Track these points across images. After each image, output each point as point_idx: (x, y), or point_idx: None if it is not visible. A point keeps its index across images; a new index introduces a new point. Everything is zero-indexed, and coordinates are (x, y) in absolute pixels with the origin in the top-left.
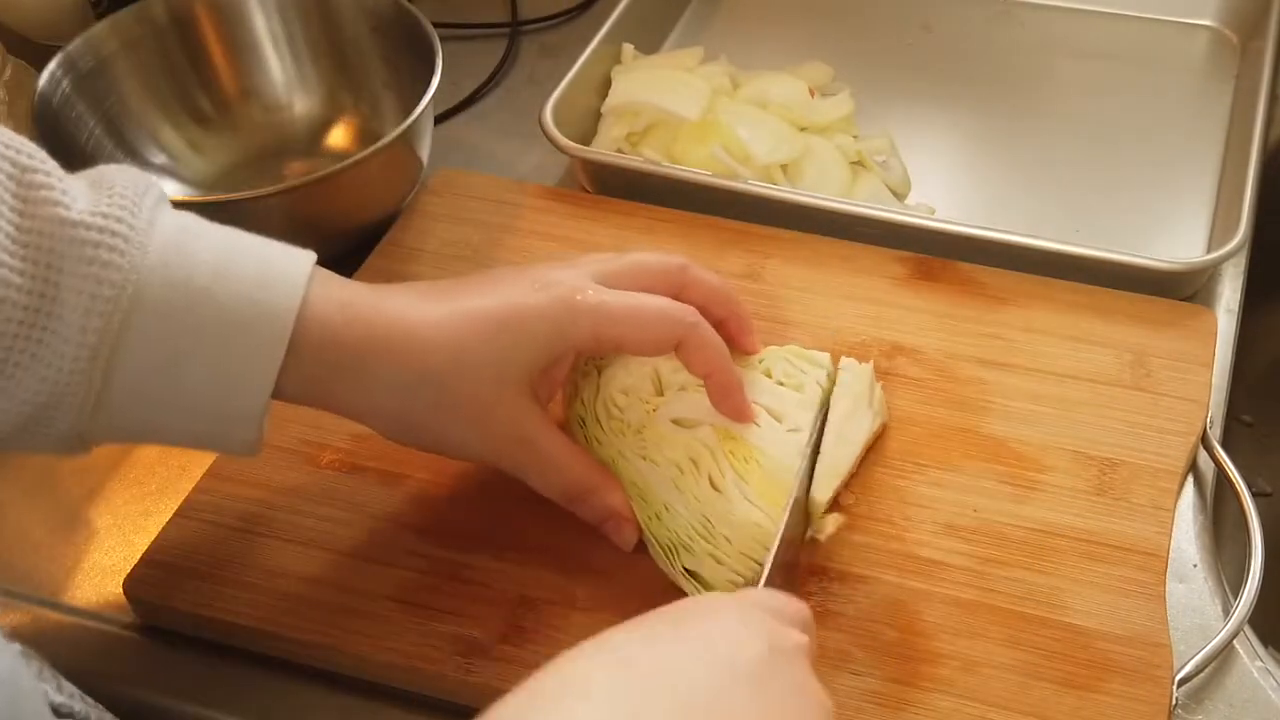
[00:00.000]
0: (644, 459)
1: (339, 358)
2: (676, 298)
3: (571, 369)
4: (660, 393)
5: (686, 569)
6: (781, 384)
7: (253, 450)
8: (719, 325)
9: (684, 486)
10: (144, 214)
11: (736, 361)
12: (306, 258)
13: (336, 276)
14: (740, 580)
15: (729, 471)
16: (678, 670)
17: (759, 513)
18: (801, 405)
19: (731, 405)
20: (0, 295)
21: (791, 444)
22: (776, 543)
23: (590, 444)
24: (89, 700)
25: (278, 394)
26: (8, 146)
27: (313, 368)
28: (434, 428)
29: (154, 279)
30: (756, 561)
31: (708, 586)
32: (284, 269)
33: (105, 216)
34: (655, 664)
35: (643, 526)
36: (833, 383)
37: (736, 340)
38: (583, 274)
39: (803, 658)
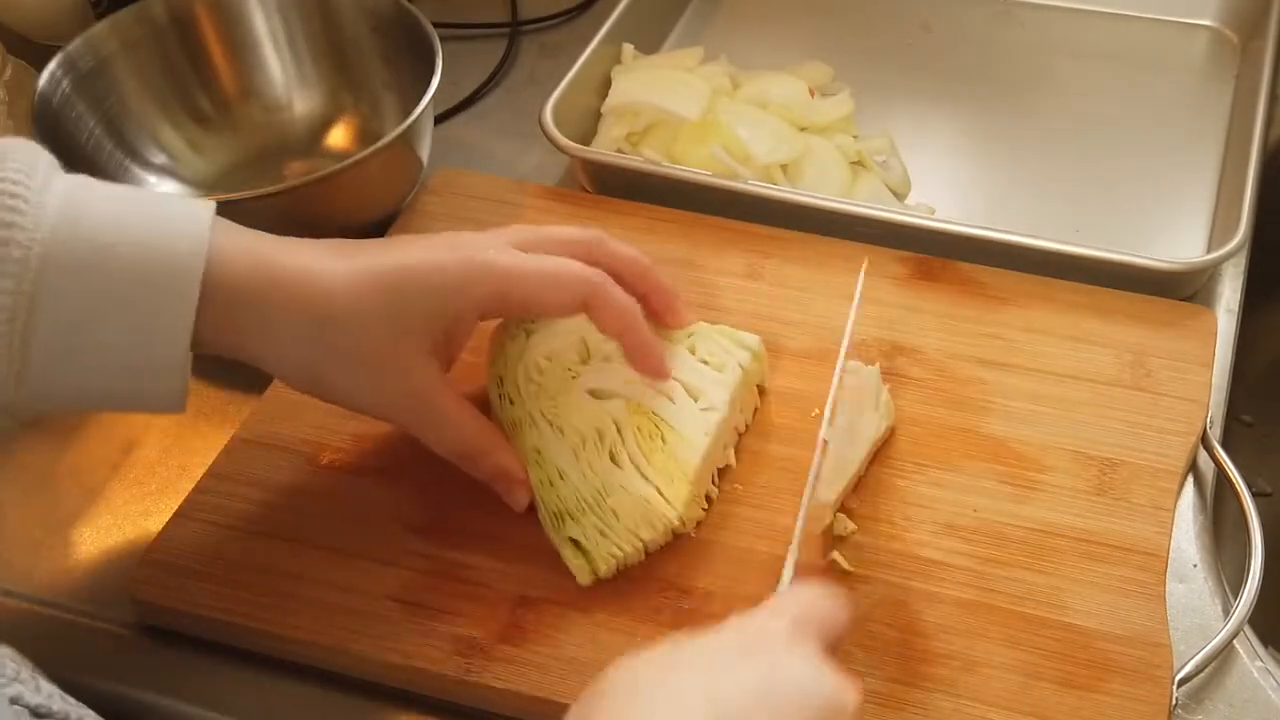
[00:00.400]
0: (551, 425)
1: (244, 303)
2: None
3: (498, 330)
4: (585, 361)
5: (570, 537)
6: (705, 362)
7: (177, 405)
8: (642, 300)
9: (583, 457)
10: (39, 176)
11: (662, 335)
12: (206, 206)
13: (236, 225)
14: (621, 555)
15: (632, 447)
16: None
17: (652, 490)
18: (719, 384)
19: (648, 365)
20: None
21: (702, 422)
22: (797, 536)
23: (502, 403)
24: (70, 700)
25: (198, 343)
26: None
27: (221, 315)
28: (331, 376)
29: (58, 237)
30: (640, 538)
31: (589, 557)
32: (185, 218)
33: (1, 180)
34: (712, 705)
35: (535, 490)
36: (760, 365)
37: (660, 316)
38: (496, 239)
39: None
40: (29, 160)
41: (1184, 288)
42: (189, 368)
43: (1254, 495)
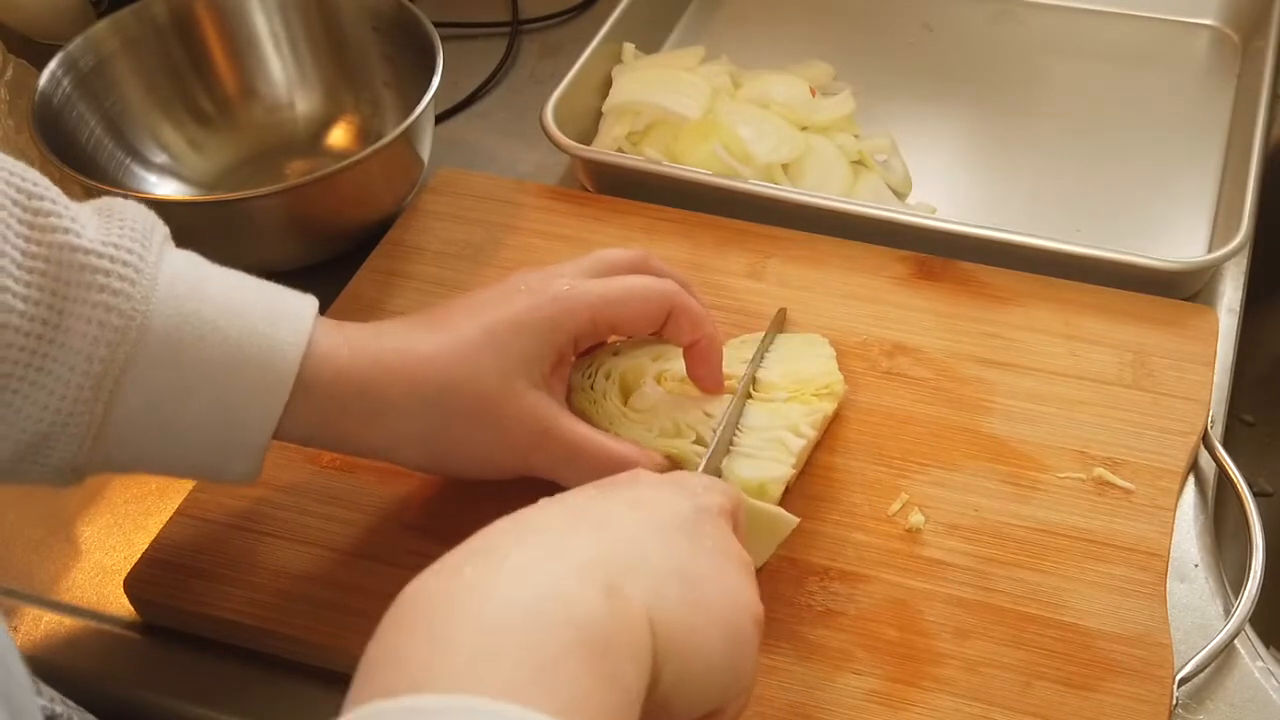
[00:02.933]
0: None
1: (350, 391)
2: None
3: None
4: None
5: None
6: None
7: (249, 481)
8: None
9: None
10: (154, 247)
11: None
12: (310, 299)
13: (333, 320)
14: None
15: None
16: (613, 522)
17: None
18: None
19: (713, 374)
20: (3, 320)
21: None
22: (719, 430)
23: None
24: (69, 703)
25: (285, 434)
26: (11, 174)
27: (324, 406)
28: (455, 445)
29: (162, 311)
30: None
31: None
32: (290, 307)
33: (116, 246)
34: (597, 515)
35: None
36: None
37: None
38: (566, 271)
39: (725, 518)
40: (145, 227)
41: (1185, 287)
42: (266, 452)
43: (1255, 495)
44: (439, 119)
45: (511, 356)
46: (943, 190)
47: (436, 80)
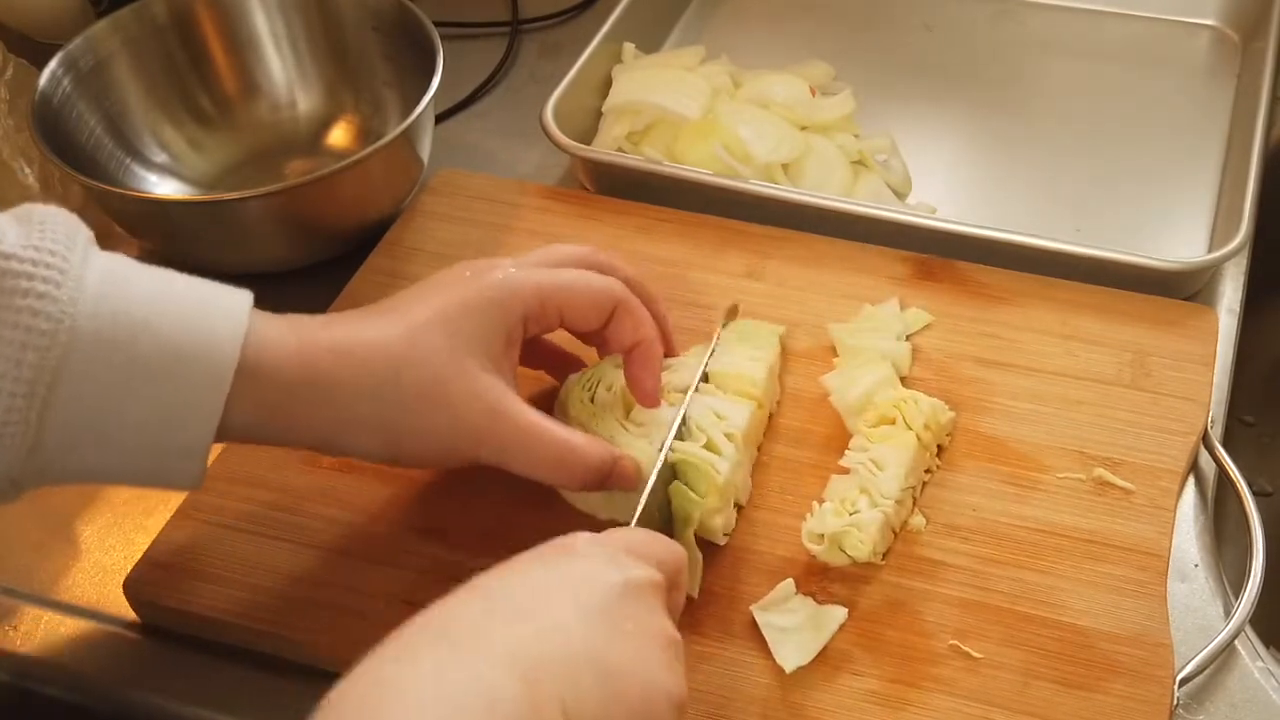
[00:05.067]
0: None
1: (299, 377)
2: None
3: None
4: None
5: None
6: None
7: (195, 485)
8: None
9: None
10: (78, 249)
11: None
12: (245, 292)
13: (273, 314)
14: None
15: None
16: (533, 610)
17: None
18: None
19: (648, 384)
20: None
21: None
22: (650, 484)
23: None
24: None
25: (230, 431)
26: None
27: (271, 394)
28: (407, 427)
29: (91, 312)
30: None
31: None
32: (223, 301)
33: (38, 250)
34: (517, 603)
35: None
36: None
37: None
38: (517, 261)
39: (656, 593)
40: (69, 232)
41: (1185, 287)
42: (210, 451)
43: (1255, 495)
44: (439, 119)
45: (462, 336)
46: (943, 190)
47: (436, 80)
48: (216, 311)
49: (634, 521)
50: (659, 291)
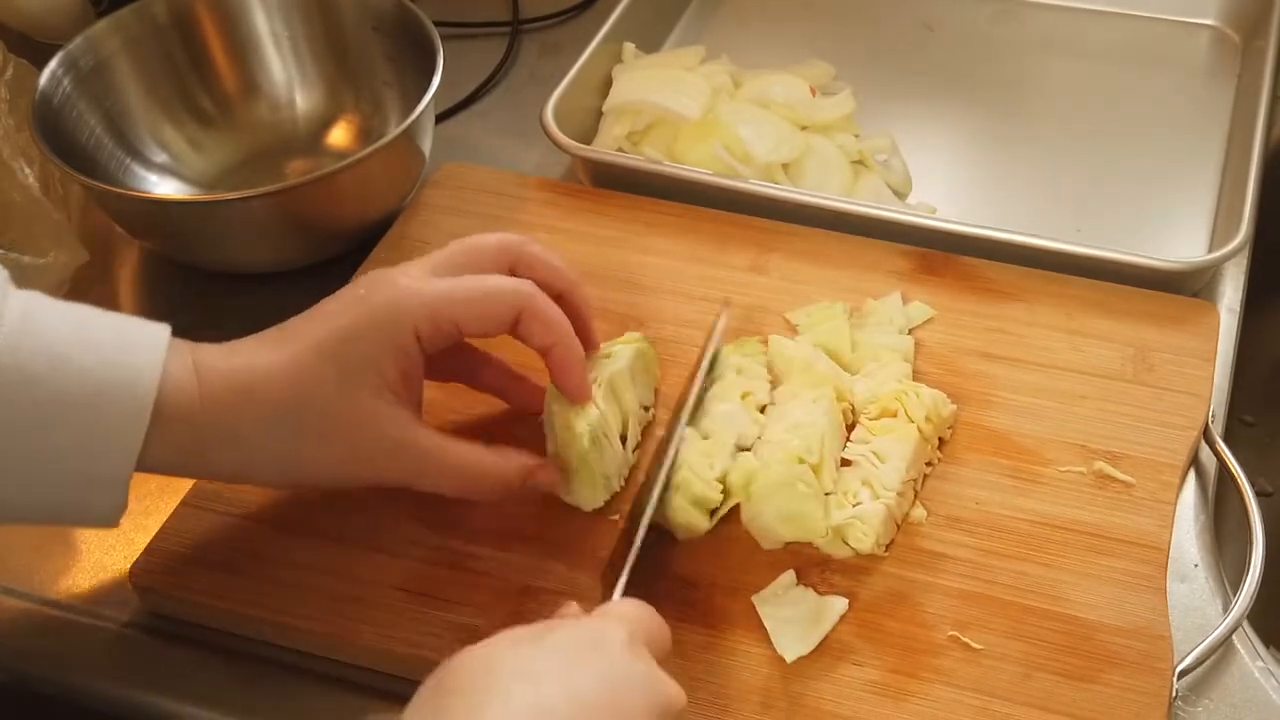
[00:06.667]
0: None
1: (203, 418)
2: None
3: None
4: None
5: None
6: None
7: (113, 521)
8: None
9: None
10: None
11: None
12: (163, 326)
13: (186, 342)
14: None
15: None
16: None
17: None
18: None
19: (573, 382)
20: None
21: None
22: (633, 554)
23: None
24: None
25: (150, 464)
26: None
27: (181, 434)
28: (310, 461)
29: (10, 346)
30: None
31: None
32: (143, 335)
33: None
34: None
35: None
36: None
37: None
38: (413, 269)
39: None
40: None
41: (1186, 287)
42: (129, 485)
43: (1255, 495)
44: (439, 118)
45: (350, 364)
46: (943, 190)
47: (437, 80)
48: (136, 345)
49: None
50: (580, 276)
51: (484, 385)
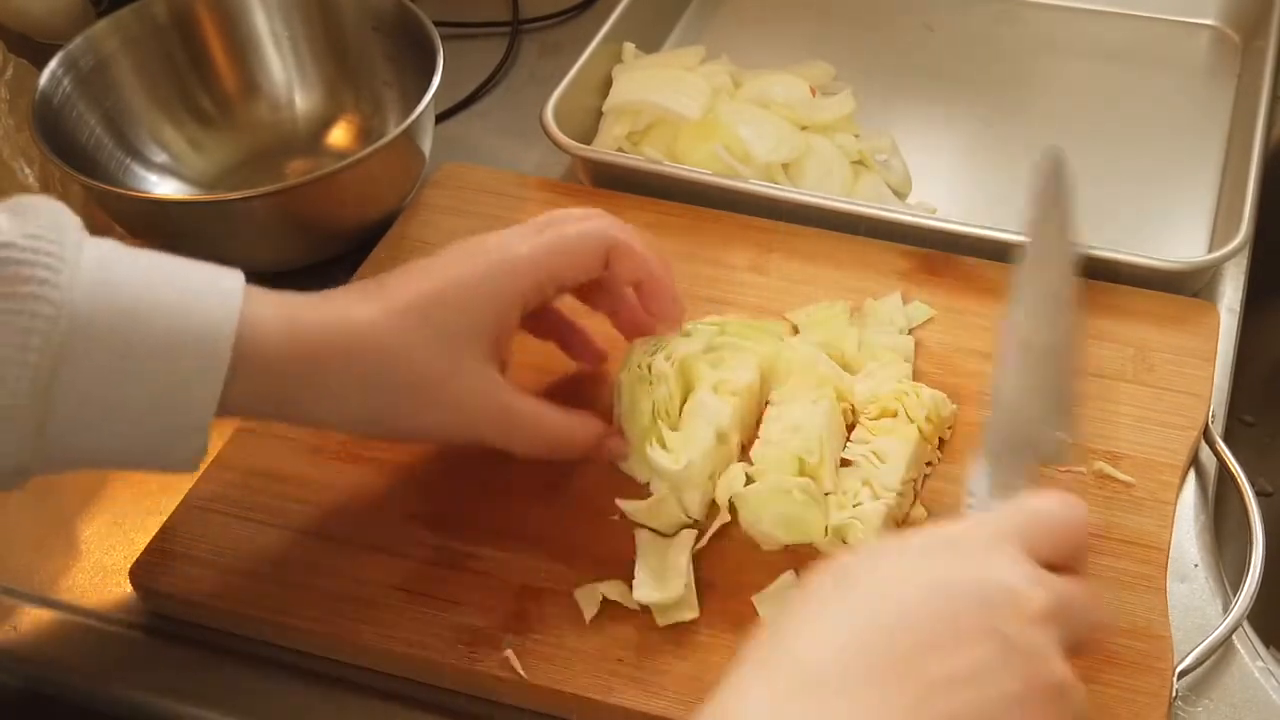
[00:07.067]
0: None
1: (289, 366)
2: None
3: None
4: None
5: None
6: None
7: (193, 466)
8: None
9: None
10: (71, 235)
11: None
12: (238, 273)
13: (265, 290)
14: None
15: None
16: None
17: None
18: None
19: (670, 310)
20: None
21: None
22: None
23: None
24: None
25: (228, 410)
26: None
27: (264, 380)
28: (400, 416)
29: (90, 296)
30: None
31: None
32: (219, 282)
33: (34, 238)
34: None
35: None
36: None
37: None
38: (511, 233)
39: (1057, 654)
40: (59, 219)
41: (1186, 287)
42: (210, 431)
43: (1255, 495)
44: (439, 118)
45: (455, 334)
46: (943, 190)
47: (437, 80)
48: (212, 292)
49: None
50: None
51: (545, 333)
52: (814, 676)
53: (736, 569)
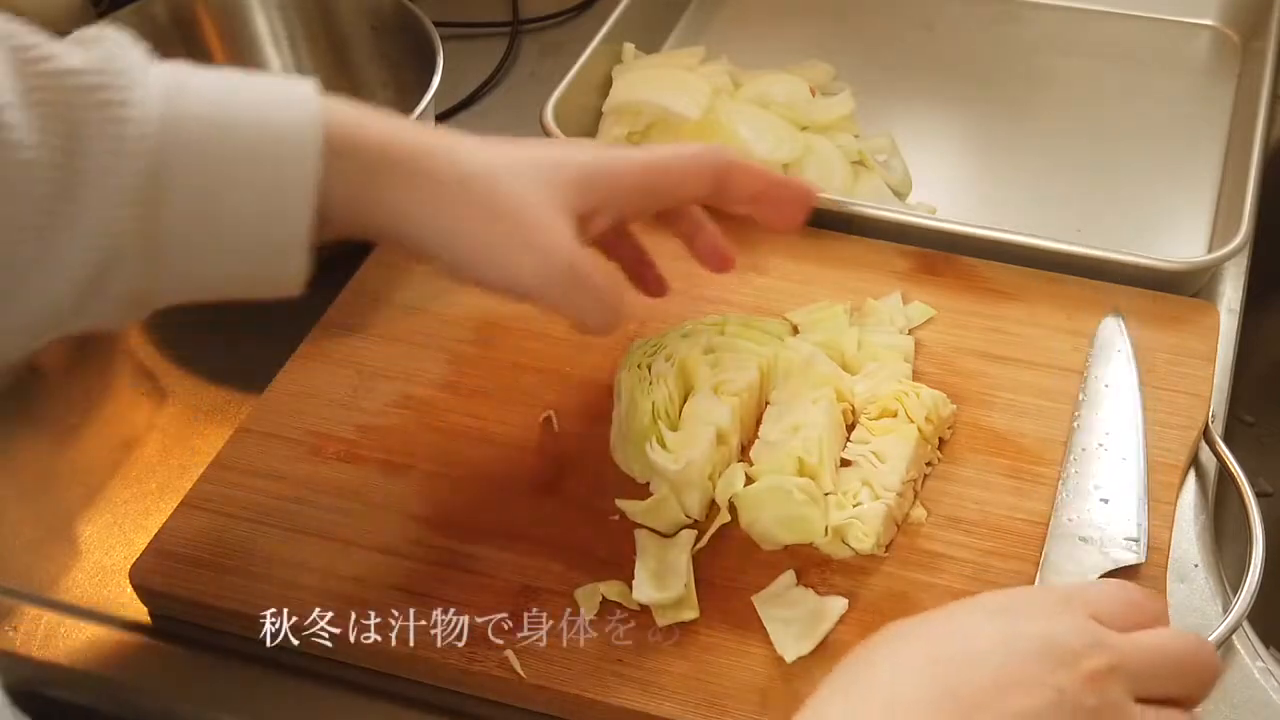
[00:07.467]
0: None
1: (377, 158)
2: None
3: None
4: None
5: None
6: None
7: (298, 285)
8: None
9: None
10: (138, 56)
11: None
12: (308, 80)
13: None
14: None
15: None
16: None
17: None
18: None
19: (795, 217)
20: (26, 159)
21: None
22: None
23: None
24: None
25: (326, 222)
26: None
27: (353, 184)
28: (481, 242)
29: (171, 113)
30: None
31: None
32: (294, 89)
33: (104, 59)
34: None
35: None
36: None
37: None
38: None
39: (1123, 692)
40: (125, 44)
41: (1185, 287)
42: (308, 246)
43: (1255, 495)
44: (439, 119)
45: (561, 186)
46: (943, 190)
47: (436, 80)
48: (290, 98)
49: None
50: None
51: (619, 255)
52: (890, 699)
53: (736, 569)
